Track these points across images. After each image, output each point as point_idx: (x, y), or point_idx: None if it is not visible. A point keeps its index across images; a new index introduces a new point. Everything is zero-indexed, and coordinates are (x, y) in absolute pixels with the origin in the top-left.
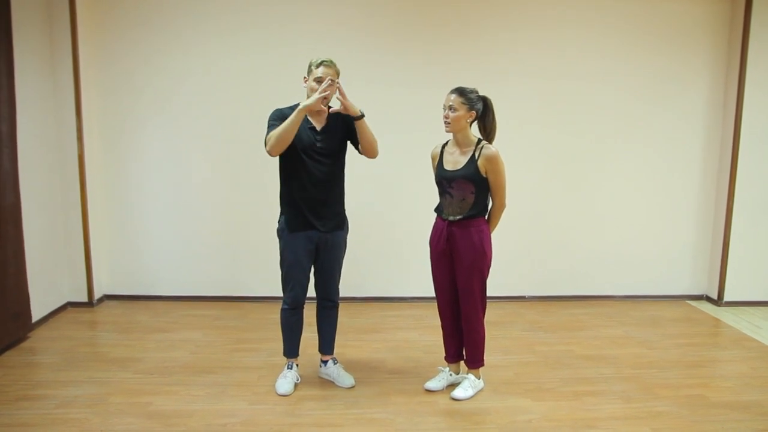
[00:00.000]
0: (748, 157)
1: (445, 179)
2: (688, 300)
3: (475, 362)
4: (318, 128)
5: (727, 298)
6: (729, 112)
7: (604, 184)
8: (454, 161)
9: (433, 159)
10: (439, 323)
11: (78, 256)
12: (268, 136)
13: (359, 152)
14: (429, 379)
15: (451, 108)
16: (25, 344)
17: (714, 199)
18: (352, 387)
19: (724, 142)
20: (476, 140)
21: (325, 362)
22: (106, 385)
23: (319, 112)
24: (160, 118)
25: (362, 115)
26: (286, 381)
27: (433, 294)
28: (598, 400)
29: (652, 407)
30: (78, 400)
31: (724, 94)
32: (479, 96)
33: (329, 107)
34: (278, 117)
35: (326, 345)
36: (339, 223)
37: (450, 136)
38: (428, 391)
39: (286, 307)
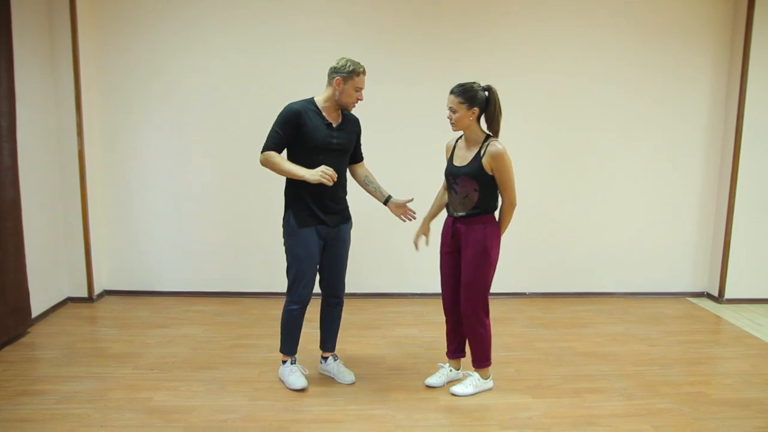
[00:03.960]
0: (750, 154)
1: (451, 174)
2: (689, 297)
3: (479, 361)
4: (334, 125)
5: (728, 295)
6: (731, 110)
7: (604, 181)
8: (462, 157)
9: (447, 150)
10: (440, 319)
11: (78, 252)
12: (268, 152)
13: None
14: (430, 375)
15: (451, 109)
16: (24, 339)
17: (715, 196)
18: (353, 383)
19: (726, 140)
20: (484, 136)
21: (325, 358)
22: (106, 380)
23: (334, 109)
24: (160, 114)
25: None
26: (297, 376)
27: (433, 290)
28: (599, 397)
29: (653, 404)
30: (78, 395)
31: (726, 91)
32: (483, 87)
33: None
34: (286, 122)
35: (329, 342)
36: (345, 217)
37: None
38: (428, 387)
39: (295, 306)
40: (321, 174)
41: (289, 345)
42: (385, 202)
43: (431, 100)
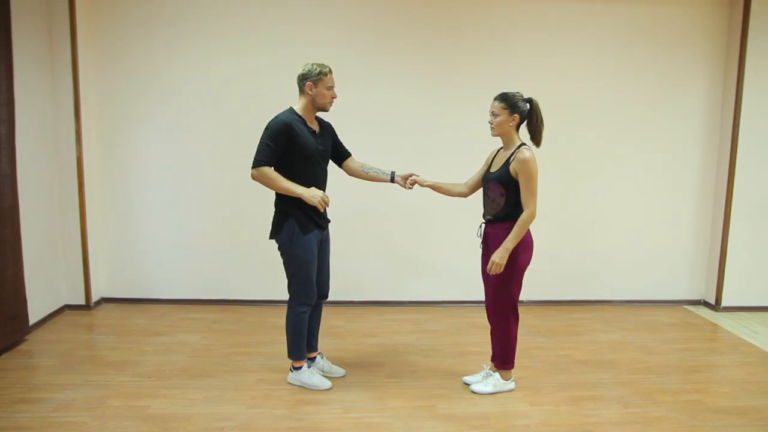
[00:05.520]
0: (746, 161)
1: (485, 180)
2: (686, 305)
3: (501, 363)
4: (317, 131)
5: (724, 303)
6: (727, 116)
7: (601, 188)
8: (497, 163)
9: (487, 159)
10: (438, 327)
11: (76, 259)
12: (264, 168)
13: (339, 165)
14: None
15: (493, 114)
16: (22, 347)
17: (712, 204)
18: (344, 376)
19: (722, 147)
20: (518, 144)
21: (311, 359)
22: (104, 388)
23: (313, 115)
24: (159, 121)
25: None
26: (320, 377)
27: (431, 298)
28: (596, 405)
29: (650, 412)
30: (75, 403)
31: (722, 98)
32: (524, 99)
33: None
34: (278, 135)
35: (314, 341)
36: (329, 219)
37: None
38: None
39: (305, 309)
40: (320, 201)
41: (301, 349)
42: (392, 180)
43: (424, 106)
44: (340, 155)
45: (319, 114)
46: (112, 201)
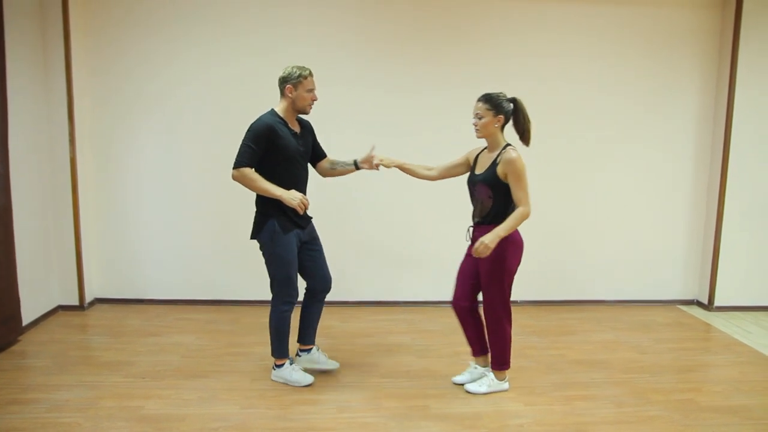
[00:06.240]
0: (739, 162)
1: (471, 182)
2: (679, 305)
3: (497, 364)
4: (298, 132)
5: (717, 302)
6: (719, 118)
7: (595, 189)
8: (483, 165)
9: (468, 157)
10: (433, 327)
11: (69, 260)
12: (245, 169)
13: (313, 166)
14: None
15: (477, 116)
16: (15, 348)
17: (705, 204)
18: (338, 368)
19: (715, 148)
20: (504, 144)
21: (307, 350)
22: (97, 388)
23: (293, 117)
24: (152, 123)
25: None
26: (302, 373)
27: (425, 298)
28: (589, 405)
29: (643, 412)
30: (69, 404)
31: (715, 99)
32: (508, 99)
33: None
34: (260, 137)
35: (313, 334)
36: (310, 217)
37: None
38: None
39: (287, 308)
40: (299, 203)
41: (284, 347)
42: (357, 168)
43: (418, 108)
44: (317, 156)
45: (312, 112)
46: (106, 201)
